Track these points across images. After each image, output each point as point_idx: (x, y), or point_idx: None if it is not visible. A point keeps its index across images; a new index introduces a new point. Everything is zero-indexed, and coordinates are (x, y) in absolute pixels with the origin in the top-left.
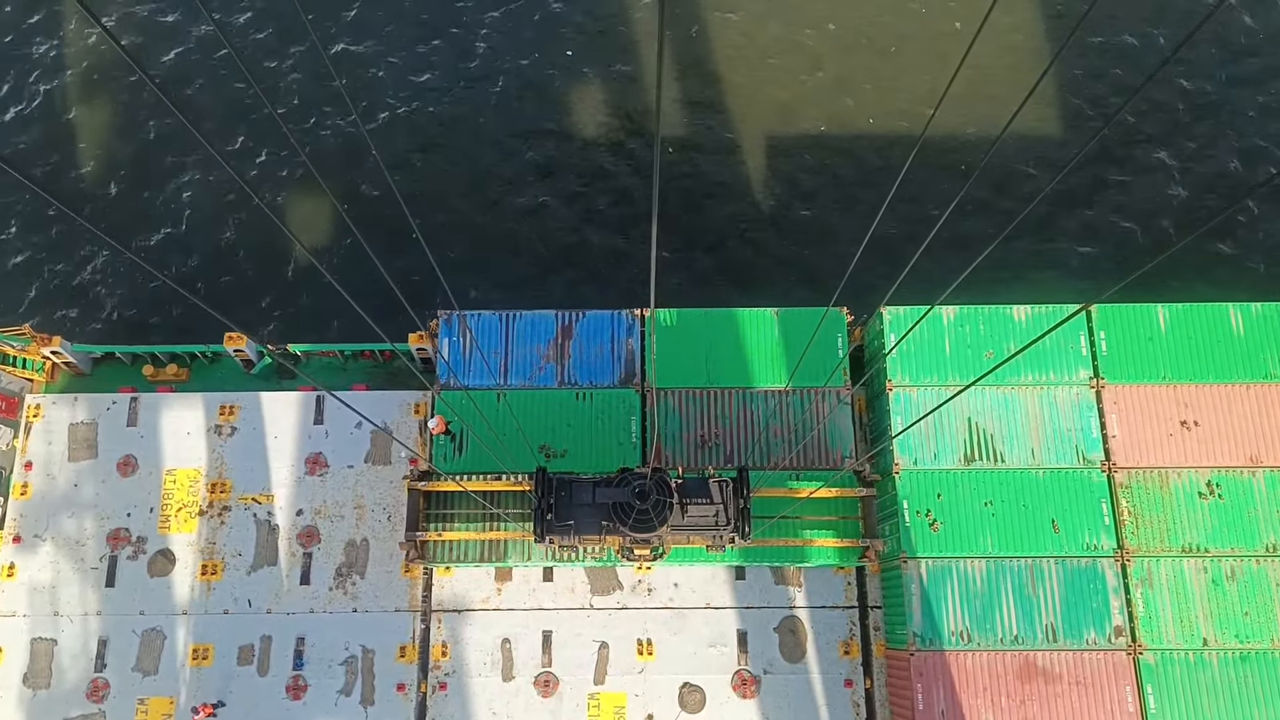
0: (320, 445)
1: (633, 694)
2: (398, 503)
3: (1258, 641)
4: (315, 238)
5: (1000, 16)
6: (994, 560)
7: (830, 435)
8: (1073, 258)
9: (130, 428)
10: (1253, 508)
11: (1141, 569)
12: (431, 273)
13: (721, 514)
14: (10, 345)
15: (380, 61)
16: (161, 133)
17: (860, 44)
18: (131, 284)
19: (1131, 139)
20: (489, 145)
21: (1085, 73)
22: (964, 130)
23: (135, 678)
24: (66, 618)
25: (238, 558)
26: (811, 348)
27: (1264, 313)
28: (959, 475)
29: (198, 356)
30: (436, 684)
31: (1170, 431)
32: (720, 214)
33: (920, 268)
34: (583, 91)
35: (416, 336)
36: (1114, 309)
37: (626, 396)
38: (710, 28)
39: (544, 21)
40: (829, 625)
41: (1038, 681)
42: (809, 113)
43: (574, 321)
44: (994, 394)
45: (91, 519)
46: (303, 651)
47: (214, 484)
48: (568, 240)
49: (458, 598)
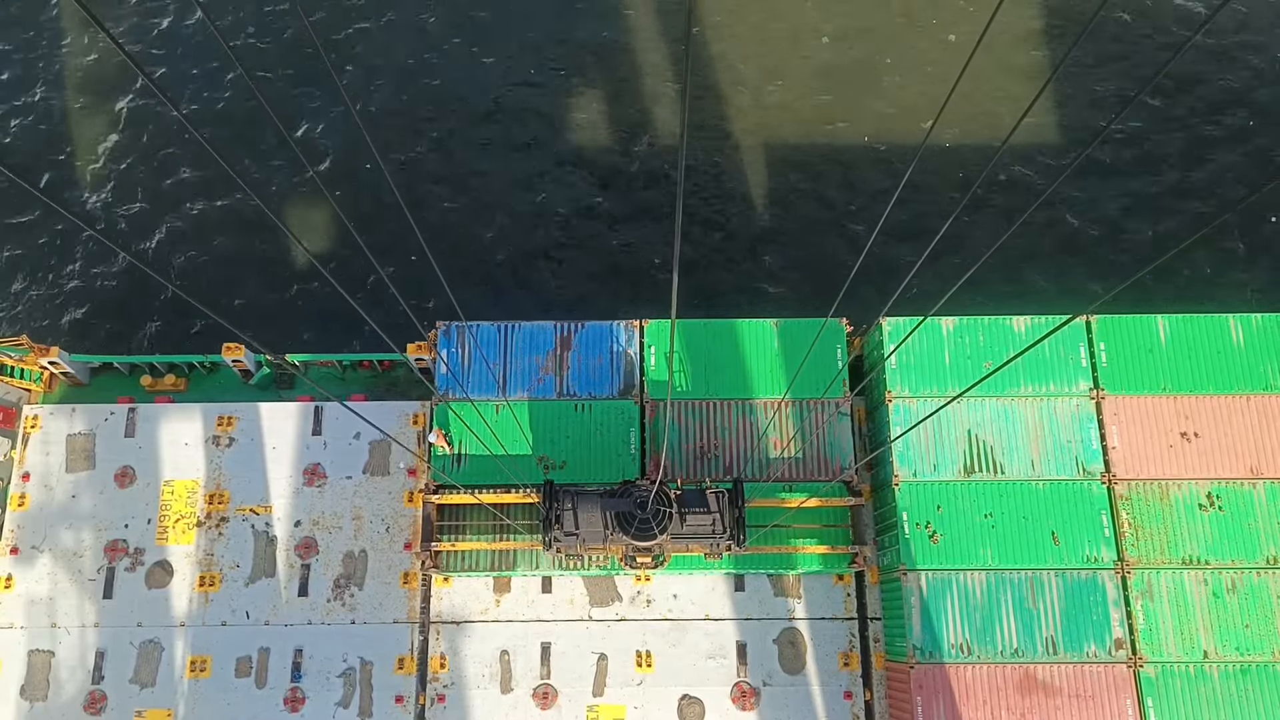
0: (318, 456)
1: (632, 706)
2: (396, 514)
3: (1259, 654)
4: (311, 247)
5: (999, 27)
6: (994, 572)
7: (830, 446)
8: (1075, 269)
9: (128, 438)
10: (1253, 519)
11: (1142, 581)
12: (426, 284)
13: (718, 523)
14: (8, 355)
15: (380, 63)
16: (160, 139)
17: (859, 56)
18: (130, 294)
19: (1133, 143)
20: (488, 151)
21: (1085, 80)
22: (964, 141)
23: (133, 690)
24: (64, 629)
25: (235, 569)
26: (811, 359)
27: (1264, 324)
28: (959, 487)
29: (196, 367)
30: (435, 696)
31: (1170, 443)
32: (720, 224)
33: (920, 279)
34: (583, 100)
35: (415, 347)
36: (1114, 320)
37: (626, 408)
38: (709, 34)
39: (545, 30)
40: (828, 637)
41: (1038, 694)
42: (808, 123)
43: (573, 332)
44: (994, 405)
45: (89, 530)
46: (300, 663)
47: (212, 495)
48: (566, 251)
49: (456, 609)
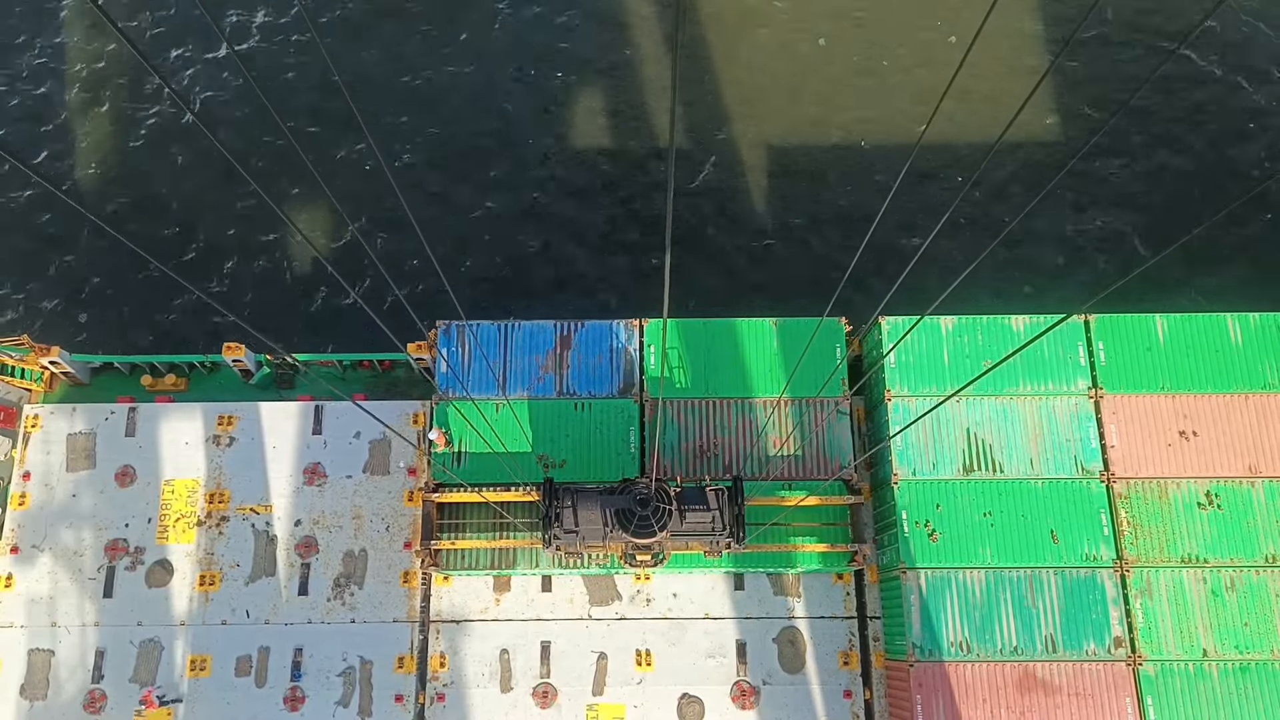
0: (319, 455)
1: (631, 705)
2: (396, 513)
3: (1258, 652)
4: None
5: (995, 25)
6: (993, 571)
7: (829, 445)
8: (1074, 268)
9: (129, 438)
10: (1252, 518)
11: (1141, 580)
12: (425, 284)
13: (718, 520)
14: (9, 355)
15: (381, 66)
16: (160, 139)
17: (854, 57)
18: (130, 294)
19: (1133, 145)
20: (486, 153)
21: (1080, 80)
22: (960, 140)
23: (133, 689)
24: (64, 629)
25: (236, 568)
26: (810, 358)
27: (1262, 323)
28: (958, 486)
29: (196, 366)
30: (434, 695)
31: (1169, 442)
32: (718, 224)
33: (919, 278)
34: (583, 100)
35: (415, 346)
36: (1112, 319)
37: (625, 407)
38: (707, 38)
39: (545, 34)
40: (828, 636)
41: (1037, 693)
42: (806, 122)
43: (573, 332)
44: (993, 404)
45: (89, 529)
46: (300, 662)
47: (212, 494)
48: (565, 251)
49: (456, 608)
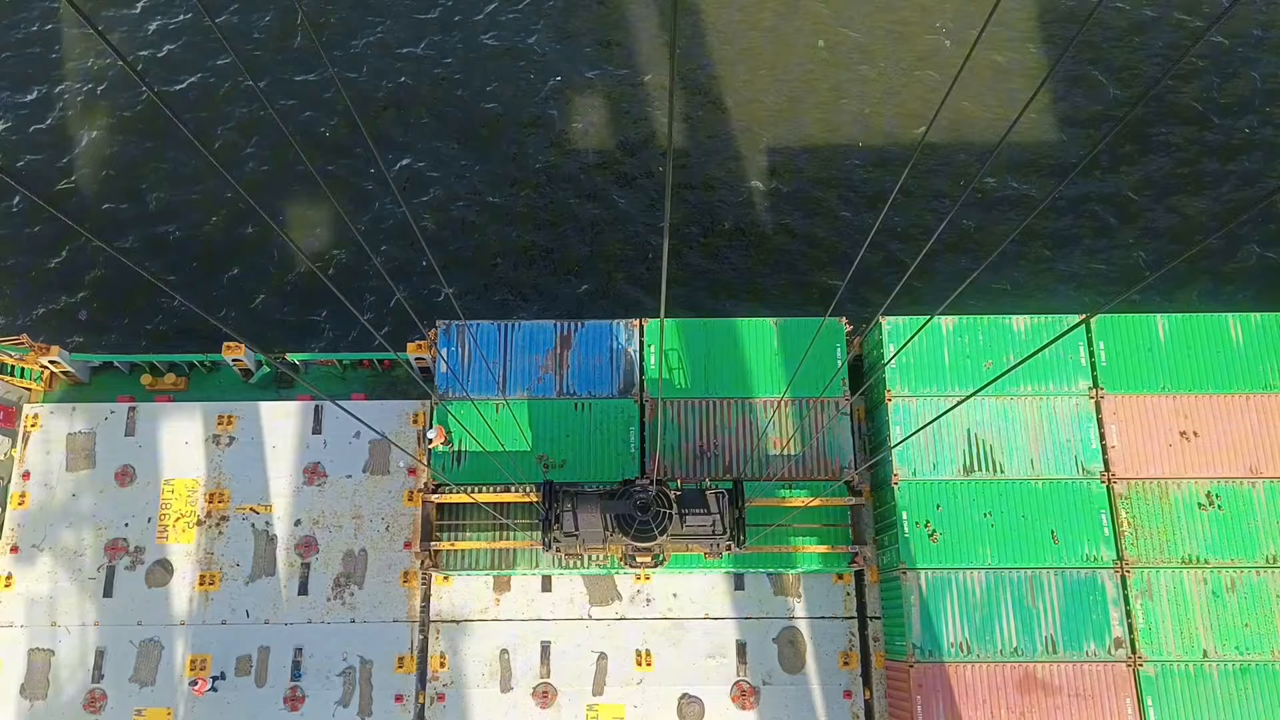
0: (319, 455)
1: (631, 705)
2: (396, 513)
3: (1258, 653)
4: (311, 249)
5: (1002, 28)
6: (993, 571)
7: (830, 445)
8: (1075, 269)
9: (128, 437)
10: (1252, 519)
11: (1141, 580)
12: (424, 284)
13: (718, 524)
14: (8, 354)
15: (380, 62)
16: (158, 142)
17: (857, 58)
18: (130, 294)
19: (1135, 145)
20: (486, 153)
21: (1084, 82)
22: (963, 142)
23: (132, 689)
24: (64, 628)
25: (236, 568)
26: (811, 358)
27: (1263, 323)
28: (958, 486)
29: (196, 366)
30: (434, 695)
31: (1170, 442)
32: (719, 225)
33: (921, 278)
34: (581, 103)
35: (415, 346)
36: (1113, 319)
37: (625, 407)
38: (707, 39)
39: (544, 35)
40: (828, 636)
41: (1037, 693)
42: (807, 125)
43: (573, 332)
44: (993, 404)
45: (89, 529)
46: (300, 662)
47: (212, 494)
48: (565, 251)
49: (456, 608)
